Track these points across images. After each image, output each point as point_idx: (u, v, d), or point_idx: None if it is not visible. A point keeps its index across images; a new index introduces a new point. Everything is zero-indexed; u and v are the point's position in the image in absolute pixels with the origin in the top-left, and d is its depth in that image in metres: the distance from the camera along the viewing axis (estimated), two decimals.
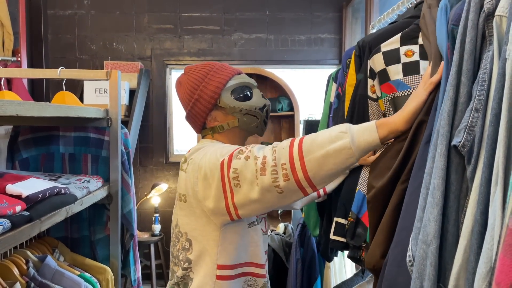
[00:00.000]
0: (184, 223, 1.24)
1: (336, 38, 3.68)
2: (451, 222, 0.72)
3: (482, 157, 0.65)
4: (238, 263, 1.21)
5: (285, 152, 1.00)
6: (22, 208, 1.12)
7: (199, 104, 1.27)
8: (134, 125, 3.18)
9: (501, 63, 0.62)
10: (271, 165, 1.00)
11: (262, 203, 1.07)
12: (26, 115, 1.11)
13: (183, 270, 1.25)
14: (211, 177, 1.11)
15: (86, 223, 1.85)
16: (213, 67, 1.30)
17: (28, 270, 1.39)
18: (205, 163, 1.14)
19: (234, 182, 1.07)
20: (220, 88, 1.26)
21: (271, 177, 1.00)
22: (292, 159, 0.99)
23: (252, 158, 1.05)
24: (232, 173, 1.06)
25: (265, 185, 1.02)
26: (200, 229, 1.20)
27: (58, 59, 3.52)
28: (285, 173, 0.99)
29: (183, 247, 1.25)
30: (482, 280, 0.57)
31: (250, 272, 1.24)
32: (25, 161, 1.81)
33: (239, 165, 1.06)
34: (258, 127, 1.31)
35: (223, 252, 1.19)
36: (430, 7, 1.02)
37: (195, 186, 1.16)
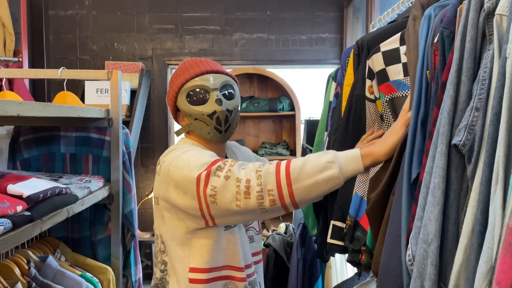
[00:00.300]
0: (158, 225, 1.24)
1: (337, 37, 3.68)
2: (451, 221, 0.71)
3: (482, 156, 0.65)
4: (213, 267, 1.18)
5: (272, 178, 1.01)
6: (23, 208, 1.13)
7: (168, 102, 1.30)
8: (135, 125, 3.18)
9: (501, 62, 0.62)
10: (257, 190, 1.01)
11: (241, 218, 1.11)
12: (27, 115, 1.11)
13: (161, 273, 1.25)
14: (183, 188, 1.09)
15: (87, 223, 1.85)
16: (184, 65, 1.28)
17: (30, 270, 1.39)
18: (176, 172, 1.11)
19: (211, 199, 1.05)
20: (176, 91, 1.25)
21: (256, 201, 1.01)
22: (280, 186, 1.00)
23: (232, 178, 1.03)
24: (210, 190, 1.04)
25: (249, 207, 1.02)
26: (171, 232, 1.19)
27: (59, 60, 3.53)
28: (272, 198, 1.01)
29: (159, 249, 1.25)
30: (482, 279, 0.57)
31: (229, 276, 1.20)
32: (27, 161, 1.82)
33: (218, 183, 1.04)
34: (210, 134, 1.24)
35: (195, 255, 1.16)
36: (415, 19, 1.04)
37: (166, 191, 1.14)
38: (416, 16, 1.03)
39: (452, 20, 0.83)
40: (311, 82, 3.93)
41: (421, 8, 1.03)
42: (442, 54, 0.84)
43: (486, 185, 0.62)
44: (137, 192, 3.63)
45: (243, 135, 3.72)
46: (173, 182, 1.12)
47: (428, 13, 0.95)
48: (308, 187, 1.00)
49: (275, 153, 3.45)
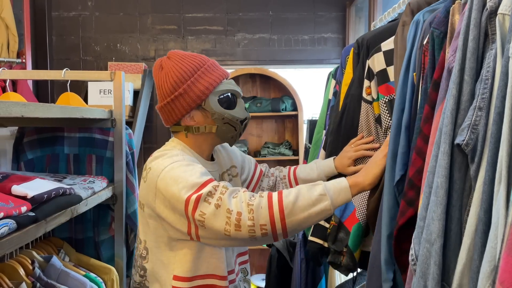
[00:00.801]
0: (143, 230, 1.22)
1: (339, 37, 3.67)
2: (455, 221, 0.71)
3: (485, 155, 0.65)
4: (196, 275, 1.17)
5: (265, 213, 1.02)
6: (27, 208, 1.13)
7: (182, 99, 1.18)
8: (138, 125, 3.18)
9: (504, 62, 0.62)
10: (248, 225, 1.02)
11: (229, 244, 1.12)
12: (31, 116, 1.12)
13: (140, 277, 1.23)
14: (171, 205, 1.08)
15: (90, 224, 1.86)
16: (205, 63, 1.20)
17: (34, 270, 1.40)
18: (164, 187, 1.08)
19: (199, 223, 1.05)
20: (210, 89, 1.18)
21: (248, 234, 1.03)
22: (273, 221, 1.02)
23: (223, 208, 1.03)
24: (199, 216, 1.04)
25: (239, 237, 1.03)
26: (155, 240, 1.18)
27: (62, 61, 3.54)
28: (265, 232, 1.03)
29: (141, 255, 1.23)
30: (486, 278, 0.57)
31: (213, 284, 1.18)
32: (30, 162, 1.83)
33: (207, 211, 1.03)
34: (232, 138, 1.26)
35: (178, 263, 1.15)
36: (404, 25, 1.09)
37: (153, 201, 1.12)
38: (405, 22, 1.08)
39: (442, 20, 0.85)
40: (314, 82, 3.92)
41: (411, 14, 1.06)
42: (432, 54, 0.86)
43: (489, 184, 0.62)
44: None
45: (245, 136, 3.72)
46: (161, 195, 1.10)
47: (416, 18, 0.99)
48: (301, 220, 1.03)
49: (278, 153, 3.45)
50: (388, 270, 0.93)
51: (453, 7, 0.84)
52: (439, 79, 0.81)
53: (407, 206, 0.85)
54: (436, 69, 0.84)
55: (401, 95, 0.98)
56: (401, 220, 0.86)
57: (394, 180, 0.94)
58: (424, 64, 0.90)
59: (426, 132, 0.83)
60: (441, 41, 0.85)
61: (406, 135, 0.94)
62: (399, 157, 0.94)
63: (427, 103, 0.84)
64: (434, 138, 0.77)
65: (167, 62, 1.21)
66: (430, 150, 0.78)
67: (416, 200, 0.83)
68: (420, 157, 0.83)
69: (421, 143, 0.84)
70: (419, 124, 0.87)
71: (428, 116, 0.83)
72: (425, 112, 0.84)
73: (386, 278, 0.93)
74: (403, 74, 0.99)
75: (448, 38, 0.83)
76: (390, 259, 0.93)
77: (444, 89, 0.77)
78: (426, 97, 0.86)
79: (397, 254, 0.89)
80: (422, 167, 0.81)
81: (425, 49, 0.90)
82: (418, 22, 0.99)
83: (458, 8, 0.82)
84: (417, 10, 1.06)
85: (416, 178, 0.84)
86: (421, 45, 0.94)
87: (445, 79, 0.78)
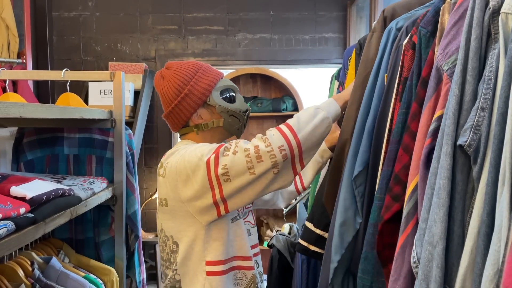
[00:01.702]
0: (168, 227, 1.27)
1: (340, 37, 3.67)
2: (457, 223, 0.71)
3: (488, 156, 0.64)
4: (227, 258, 1.24)
5: (279, 137, 1.13)
6: (26, 210, 1.13)
7: (188, 100, 1.28)
8: (139, 126, 3.18)
9: (507, 61, 0.61)
10: (268, 151, 1.11)
11: (253, 191, 1.15)
12: (30, 116, 1.11)
13: (172, 272, 1.28)
14: (193, 177, 1.16)
15: (90, 225, 1.86)
16: (202, 66, 1.33)
17: (33, 272, 1.39)
18: (185, 166, 1.17)
19: (224, 178, 1.12)
20: (212, 86, 1.30)
21: (270, 160, 1.11)
22: (288, 139, 1.12)
23: (240, 151, 1.12)
24: (221, 169, 1.12)
25: (263, 169, 1.11)
26: (185, 230, 1.23)
27: (63, 61, 3.54)
28: (284, 153, 1.12)
29: (171, 250, 1.28)
30: (489, 282, 0.56)
31: (238, 265, 1.27)
32: (30, 163, 1.82)
33: (227, 161, 1.12)
34: (239, 130, 1.36)
35: (209, 248, 1.22)
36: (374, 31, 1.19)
37: (176, 188, 1.19)
38: (375, 29, 1.19)
39: (430, 20, 0.89)
40: (315, 82, 3.92)
41: (383, 21, 1.16)
42: (419, 52, 0.90)
43: (493, 186, 0.61)
44: (141, 193, 3.63)
45: (246, 135, 3.71)
46: (182, 176, 1.17)
47: (389, 27, 1.08)
48: (310, 132, 1.14)
49: None
50: (335, 253, 1.04)
51: (443, 6, 0.86)
52: (427, 77, 0.83)
53: (393, 201, 0.87)
54: (424, 67, 0.86)
55: (368, 97, 1.06)
56: (387, 215, 0.87)
57: (352, 175, 1.03)
58: (403, 62, 0.95)
59: (413, 129, 0.85)
60: (428, 39, 0.88)
61: (369, 136, 1.03)
62: (360, 155, 1.03)
63: (415, 101, 0.87)
64: (421, 135, 0.80)
65: (166, 72, 1.33)
66: (418, 147, 0.80)
67: (402, 196, 0.85)
68: (407, 153, 0.85)
69: (408, 139, 0.86)
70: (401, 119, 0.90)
71: (416, 113, 0.85)
72: (412, 109, 0.86)
73: (333, 260, 1.05)
74: (373, 77, 1.06)
75: (438, 37, 0.84)
76: (340, 244, 1.04)
77: (432, 87, 0.79)
78: (412, 94, 0.89)
79: (380, 248, 0.91)
80: (409, 163, 0.83)
81: (405, 48, 0.94)
82: (390, 30, 1.07)
83: (448, 8, 0.84)
84: (391, 17, 1.15)
85: (402, 173, 0.86)
86: (397, 47, 1.00)
87: (433, 77, 0.79)
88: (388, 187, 0.89)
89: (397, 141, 0.90)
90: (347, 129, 1.15)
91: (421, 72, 0.87)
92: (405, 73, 0.94)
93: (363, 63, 1.15)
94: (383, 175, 0.93)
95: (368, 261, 0.95)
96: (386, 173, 0.92)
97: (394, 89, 0.97)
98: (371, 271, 0.95)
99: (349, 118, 1.15)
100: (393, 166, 0.90)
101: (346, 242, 1.05)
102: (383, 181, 0.93)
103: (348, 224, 1.05)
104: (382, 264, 0.92)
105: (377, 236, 0.90)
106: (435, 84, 0.78)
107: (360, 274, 0.96)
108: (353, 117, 1.13)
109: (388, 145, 0.95)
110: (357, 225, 1.04)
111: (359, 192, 1.04)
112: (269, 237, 3.09)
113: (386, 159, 0.93)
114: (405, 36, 0.98)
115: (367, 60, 1.14)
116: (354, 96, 1.15)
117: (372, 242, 0.94)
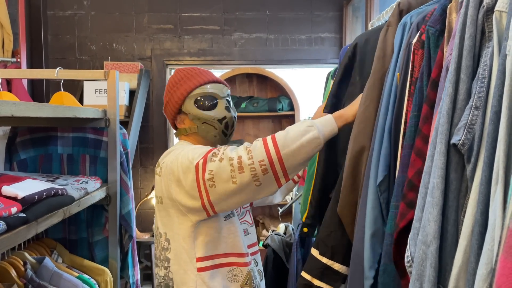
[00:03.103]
0: (162, 224, 1.32)
1: (336, 37, 3.66)
2: (451, 222, 0.70)
3: (482, 155, 0.64)
4: (217, 254, 1.28)
5: (261, 150, 1.12)
6: (18, 209, 1.11)
7: (168, 107, 1.40)
8: (134, 125, 3.17)
9: (501, 60, 0.61)
10: (249, 163, 1.11)
11: (238, 198, 1.17)
12: (22, 115, 1.10)
13: (164, 270, 1.32)
14: (184, 180, 1.19)
15: (84, 225, 1.84)
16: (189, 73, 1.38)
17: (26, 272, 1.38)
18: (177, 167, 1.21)
19: (209, 183, 1.15)
20: (184, 95, 1.35)
21: (250, 173, 1.11)
22: (270, 154, 1.11)
23: (226, 159, 1.13)
24: (208, 175, 1.14)
25: (244, 181, 1.12)
26: (176, 227, 1.27)
27: (58, 60, 3.52)
28: (264, 168, 1.11)
29: (163, 247, 1.32)
30: (482, 281, 0.56)
31: (233, 262, 1.30)
32: (23, 162, 1.81)
33: (214, 167, 1.14)
34: (216, 137, 1.37)
35: (199, 245, 1.26)
36: (389, 25, 1.11)
37: (170, 188, 1.24)
38: (391, 23, 1.11)
39: (438, 18, 0.86)
40: (311, 81, 3.91)
41: (398, 14, 1.09)
42: (428, 52, 0.86)
43: (486, 185, 0.61)
44: (136, 193, 3.62)
45: (242, 135, 3.71)
46: (175, 178, 1.22)
47: (404, 21, 1.02)
48: (295, 150, 1.11)
49: None
50: (370, 268, 0.95)
51: (450, 5, 0.83)
52: (437, 78, 0.80)
53: (408, 208, 0.82)
54: (434, 68, 0.83)
55: (387, 97, 0.99)
56: (402, 223, 0.82)
57: (377, 181, 0.96)
58: (413, 62, 0.91)
59: (425, 132, 0.82)
60: (437, 39, 0.85)
61: (388, 138, 0.96)
62: (382, 158, 0.96)
63: (425, 103, 0.83)
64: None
65: (169, 78, 1.44)
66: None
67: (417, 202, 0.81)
68: (420, 158, 0.81)
69: (420, 143, 0.82)
70: (413, 122, 0.86)
71: (427, 116, 0.81)
72: (423, 112, 0.83)
73: (367, 276, 0.95)
74: (391, 75, 1.00)
75: (446, 37, 0.82)
76: (373, 258, 0.95)
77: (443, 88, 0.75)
78: (422, 96, 0.85)
79: (397, 258, 0.86)
80: (422, 168, 0.78)
81: (415, 47, 0.91)
82: (405, 25, 1.00)
83: (455, 7, 0.82)
84: (407, 10, 1.07)
85: (416, 179, 0.81)
86: (407, 45, 0.95)
87: (443, 78, 0.76)
88: (402, 194, 0.85)
89: (410, 146, 0.86)
90: (364, 132, 1.06)
91: (431, 73, 0.83)
92: (416, 74, 0.90)
93: (380, 60, 1.07)
94: (398, 182, 0.88)
95: (387, 274, 0.89)
96: (401, 179, 0.87)
97: (406, 90, 0.93)
98: (391, 284, 0.89)
99: (367, 119, 1.06)
100: (407, 172, 0.85)
101: (378, 254, 0.95)
102: (398, 188, 0.88)
103: (378, 235, 0.96)
104: (400, 276, 0.87)
105: (393, 246, 0.85)
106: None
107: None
108: (372, 119, 1.05)
109: (402, 150, 0.90)
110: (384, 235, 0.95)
111: (384, 198, 0.96)
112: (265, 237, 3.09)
113: (400, 165, 0.89)
114: (415, 34, 0.94)
115: (385, 57, 1.06)
116: (372, 96, 1.06)
117: (390, 253, 0.87)
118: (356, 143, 1.07)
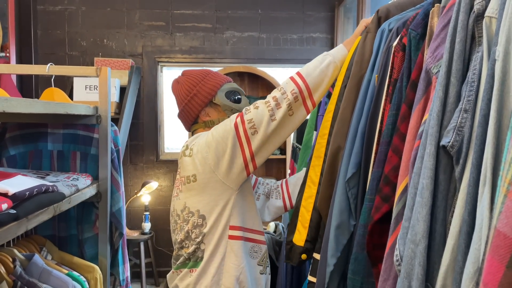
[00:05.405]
0: (195, 201, 1.37)
1: (328, 37, 3.69)
2: (439, 222, 0.72)
3: (470, 157, 0.66)
4: (246, 227, 1.38)
5: (290, 83, 1.30)
6: (8, 206, 1.11)
7: (196, 99, 1.47)
8: (124, 122, 3.15)
9: (490, 64, 0.62)
10: (283, 97, 1.28)
11: (277, 138, 1.30)
12: (13, 111, 1.09)
13: (195, 246, 1.37)
14: (223, 143, 1.30)
15: (74, 222, 1.83)
16: (211, 72, 1.52)
17: (15, 269, 1.37)
18: (214, 137, 1.32)
19: (251, 131, 1.28)
20: (217, 87, 1.48)
21: (286, 104, 1.27)
22: (298, 84, 1.29)
23: (261, 104, 1.30)
24: (248, 124, 1.28)
25: (281, 115, 1.27)
26: (215, 200, 1.35)
27: (47, 55, 3.48)
28: (295, 96, 1.28)
29: (195, 225, 1.37)
30: (469, 280, 0.57)
31: (255, 239, 1.41)
32: (13, 158, 1.79)
33: (252, 115, 1.29)
34: None
35: (234, 214, 1.35)
36: (368, 31, 1.18)
37: (206, 160, 1.33)
38: (370, 30, 1.19)
39: (420, 22, 0.90)
40: None
41: (377, 21, 1.16)
42: (409, 55, 0.91)
43: (474, 186, 0.62)
44: (126, 190, 3.60)
45: None
46: (212, 148, 1.31)
47: (382, 27, 1.09)
48: (317, 76, 1.30)
49: None
50: (332, 257, 1.04)
51: (432, 10, 0.86)
52: (417, 80, 0.84)
53: (382, 202, 0.87)
54: (414, 70, 0.87)
55: (362, 99, 1.06)
56: (376, 215, 0.88)
57: (346, 177, 1.03)
58: (393, 64, 0.95)
59: (403, 131, 0.86)
60: (418, 42, 0.89)
61: (361, 138, 1.02)
62: (353, 156, 1.03)
63: (404, 103, 0.87)
64: (410, 137, 0.80)
65: (181, 78, 1.52)
66: (407, 149, 0.81)
67: (392, 196, 0.85)
68: (397, 155, 0.86)
69: (398, 141, 0.87)
70: (391, 121, 0.91)
71: (405, 115, 0.86)
72: (402, 111, 0.87)
73: (329, 263, 1.04)
74: (368, 79, 1.06)
75: (427, 40, 0.85)
76: (335, 247, 1.04)
77: (422, 89, 0.80)
78: (401, 96, 0.90)
79: (369, 248, 0.91)
80: (398, 164, 0.84)
81: (395, 50, 0.95)
82: (383, 31, 1.08)
83: (437, 11, 0.84)
84: (385, 17, 1.15)
85: (392, 175, 0.86)
86: (387, 48, 1.00)
87: (422, 79, 0.80)
88: (378, 188, 0.90)
89: (387, 143, 0.91)
90: (341, 132, 1.13)
91: (411, 74, 0.87)
92: (395, 75, 0.94)
93: (358, 64, 1.15)
94: (373, 176, 0.93)
95: (358, 262, 0.96)
96: (376, 174, 0.93)
97: (384, 90, 0.98)
98: (361, 272, 0.95)
99: (343, 120, 1.14)
100: (383, 167, 0.90)
101: (341, 245, 1.05)
102: (373, 182, 0.93)
103: (343, 227, 1.04)
104: (372, 264, 0.93)
105: (367, 237, 0.90)
106: (425, 87, 0.79)
107: (351, 275, 0.97)
108: (348, 120, 1.11)
109: (378, 147, 0.95)
110: (351, 227, 1.04)
111: (352, 194, 1.04)
112: None
113: (376, 160, 0.93)
114: (395, 37, 0.99)
115: (362, 61, 1.14)
116: (349, 98, 1.14)
117: (362, 243, 0.94)
118: (334, 142, 1.16)
